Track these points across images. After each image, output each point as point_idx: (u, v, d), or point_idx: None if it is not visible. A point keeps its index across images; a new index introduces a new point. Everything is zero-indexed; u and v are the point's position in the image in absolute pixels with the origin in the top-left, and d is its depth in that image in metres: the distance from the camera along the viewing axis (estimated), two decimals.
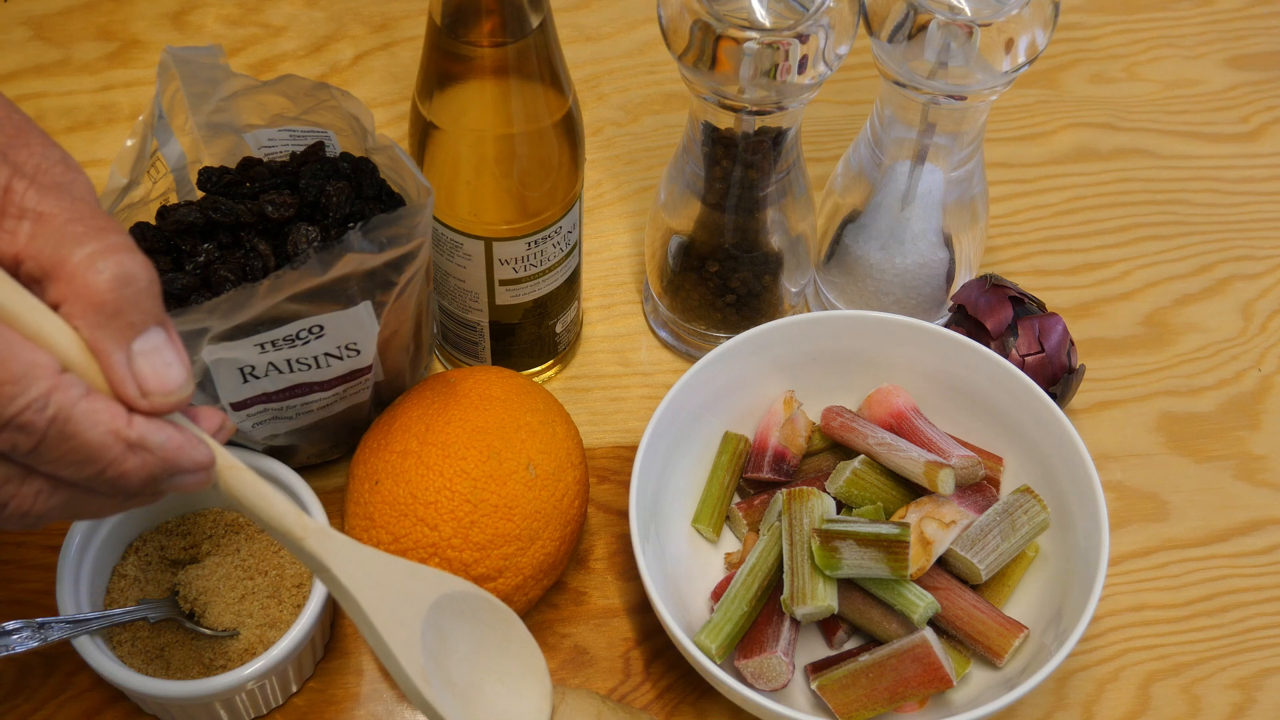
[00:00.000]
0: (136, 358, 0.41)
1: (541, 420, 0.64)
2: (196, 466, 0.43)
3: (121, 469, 0.41)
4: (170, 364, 0.42)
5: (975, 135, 0.71)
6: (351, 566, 0.48)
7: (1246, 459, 0.76)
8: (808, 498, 0.65)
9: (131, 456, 0.41)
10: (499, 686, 0.53)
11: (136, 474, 0.41)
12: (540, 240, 0.67)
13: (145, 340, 0.41)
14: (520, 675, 0.54)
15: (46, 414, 0.39)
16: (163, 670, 0.63)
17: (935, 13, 0.63)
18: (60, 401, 0.39)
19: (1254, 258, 0.84)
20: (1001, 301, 0.73)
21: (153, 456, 0.42)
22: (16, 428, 0.39)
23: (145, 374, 0.41)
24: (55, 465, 0.41)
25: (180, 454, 0.42)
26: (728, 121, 0.67)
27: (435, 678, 0.50)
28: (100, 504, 0.43)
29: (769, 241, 0.72)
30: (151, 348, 0.42)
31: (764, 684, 0.63)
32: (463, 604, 0.53)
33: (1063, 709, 0.68)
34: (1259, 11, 0.96)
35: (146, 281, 0.41)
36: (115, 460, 0.41)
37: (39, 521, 0.43)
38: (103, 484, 0.41)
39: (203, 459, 0.43)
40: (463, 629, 0.52)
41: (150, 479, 0.42)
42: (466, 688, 0.52)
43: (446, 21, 0.60)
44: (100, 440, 0.40)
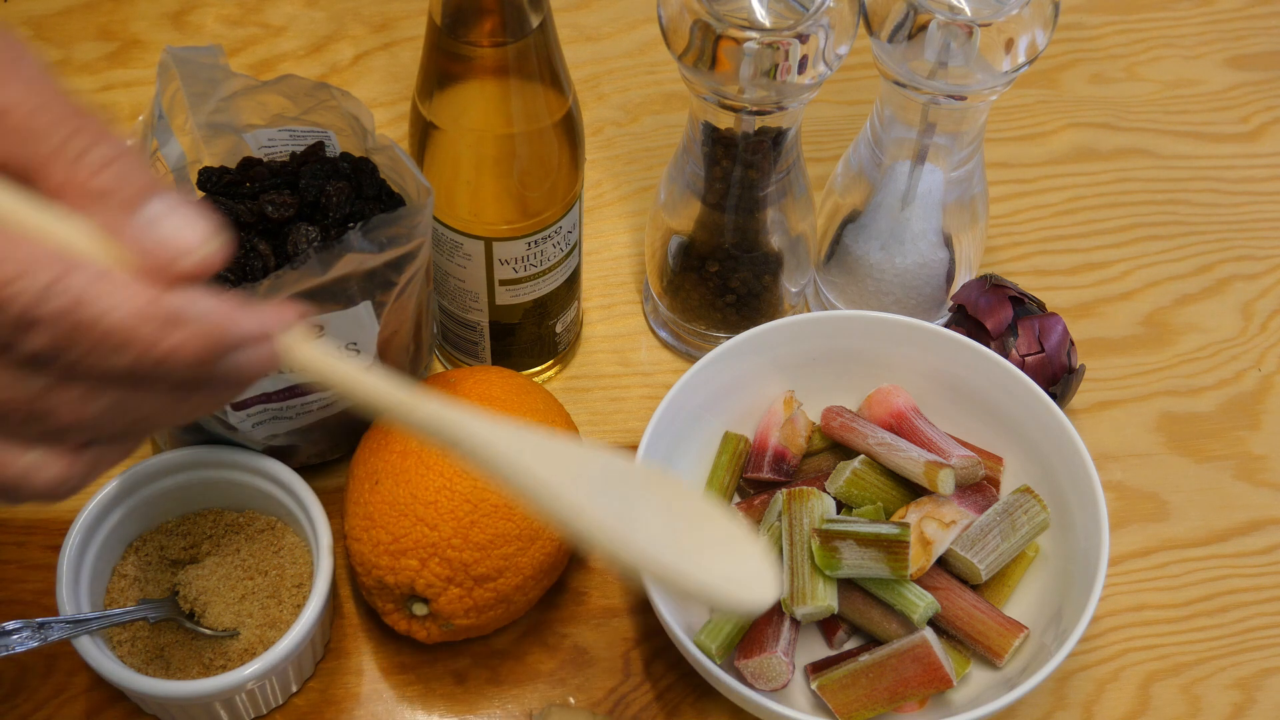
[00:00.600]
0: (152, 224, 0.38)
1: (541, 420, 0.65)
2: (252, 336, 0.38)
3: (162, 349, 0.37)
4: (188, 221, 0.38)
5: (975, 135, 0.71)
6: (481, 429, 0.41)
7: (1246, 459, 0.76)
8: (808, 498, 0.65)
9: (170, 333, 0.37)
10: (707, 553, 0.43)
11: (182, 353, 0.37)
12: (540, 240, 0.67)
13: (154, 206, 0.38)
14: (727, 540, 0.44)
15: (59, 303, 0.35)
16: (163, 670, 0.63)
17: (935, 13, 0.63)
18: (72, 286, 0.36)
19: (1254, 258, 0.84)
20: (1001, 301, 0.73)
21: (197, 329, 0.37)
22: (31, 324, 0.36)
23: (167, 236, 0.37)
24: (88, 359, 0.36)
25: (229, 322, 0.37)
26: (728, 121, 0.67)
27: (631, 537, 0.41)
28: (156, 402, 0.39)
29: (769, 241, 0.72)
30: (162, 212, 0.38)
31: (764, 684, 0.63)
32: (632, 476, 0.45)
33: (1063, 709, 0.68)
34: (1259, 11, 0.96)
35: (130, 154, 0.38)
36: (151, 339, 0.36)
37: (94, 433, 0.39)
38: (148, 372, 0.37)
39: (257, 327, 0.38)
40: (644, 503, 0.44)
41: (200, 358, 0.37)
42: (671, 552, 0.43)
43: (446, 21, 0.60)
44: (129, 320, 0.36)
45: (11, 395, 0.37)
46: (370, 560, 0.62)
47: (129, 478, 0.65)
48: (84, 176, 0.37)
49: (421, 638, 0.64)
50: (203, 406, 0.40)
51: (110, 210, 0.38)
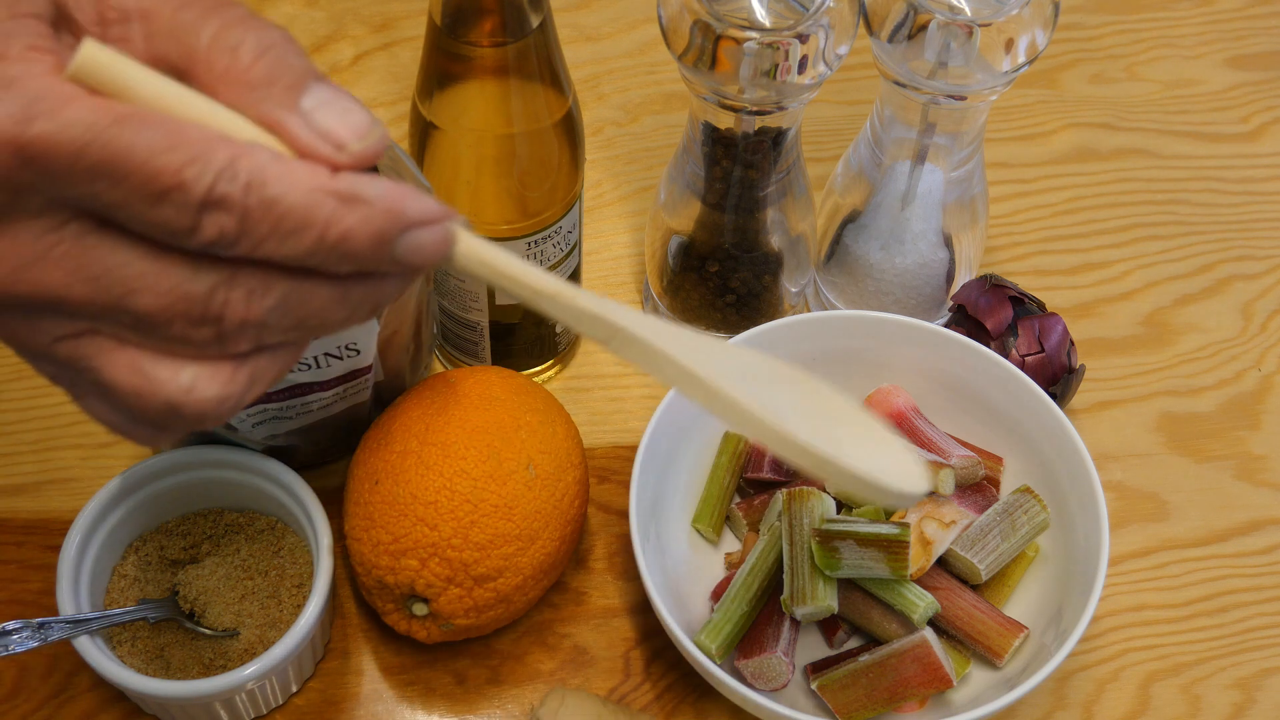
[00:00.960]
0: (313, 114, 0.37)
1: (541, 420, 0.65)
2: (428, 217, 0.38)
3: (341, 228, 0.36)
4: (350, 108, 0.37)
5: (975, 135, 0.71)
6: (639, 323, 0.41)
7: (1246, 459, 0.76)
8: (808, 498, 0.65)
9: (348, 211, 0.36)
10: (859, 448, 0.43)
11: (361, 233, 0.36)
12: (540, 240, 0.67)
13: (312, 95, 0.37)
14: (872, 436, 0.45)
15: (240, 181, 0.35)
16: (163, 670, 0.63)
17: (935, 13, 0.63)
18: (250, 166, 0.35)
19: (1254, 258, 0.84)
20: (1001, 301, 0.73)
21: (374, 208, 0.36)
22: (214, 205, 0.35)
23: (330, 125, 0.37)
24: (268, 243, 0.36)
25: (405, 202, 0.37)
26: (728, 121, 0.67)
27: None
28: (323, 296, 0.38)
29: (769, 241, 0.72)
30: (323, 99, 0.37)
31: (764, 684, 0.63)
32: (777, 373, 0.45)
33: (1063, 709, 0.68)
34: (1259, 11, 0.96)
35: (285, 40, 0.37)
36: (331, 218, 0.36)
37: (260, 335, 0.38)
38: (325, 254, 0.36)
39: (434, 209, 0.38)
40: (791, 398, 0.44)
41: (378, 238, 0.37)
42: None
43: (446, 21, 0.60)
44: (308, 198, 0.36)
45: (184, 293, 0.37)
46: (370, 560, 0.62)
47: (129, 478, 0.65)
48: (241, 67, 0.37)
49: (421, 638, 0.64)
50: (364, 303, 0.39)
51: (271, 99, 0.37)
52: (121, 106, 0.35)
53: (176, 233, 0.36)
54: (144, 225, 0.36)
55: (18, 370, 0.76)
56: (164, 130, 0.35)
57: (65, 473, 0.72)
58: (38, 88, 0.34)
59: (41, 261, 0.36)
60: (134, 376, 0.38)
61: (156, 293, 0.36)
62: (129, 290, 0.36)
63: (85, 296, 0.36)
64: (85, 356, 0.38)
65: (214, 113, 0.36)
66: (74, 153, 0.34)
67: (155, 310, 0.37)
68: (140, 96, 0.36)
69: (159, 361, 0.38)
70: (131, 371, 0.38)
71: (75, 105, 0.34)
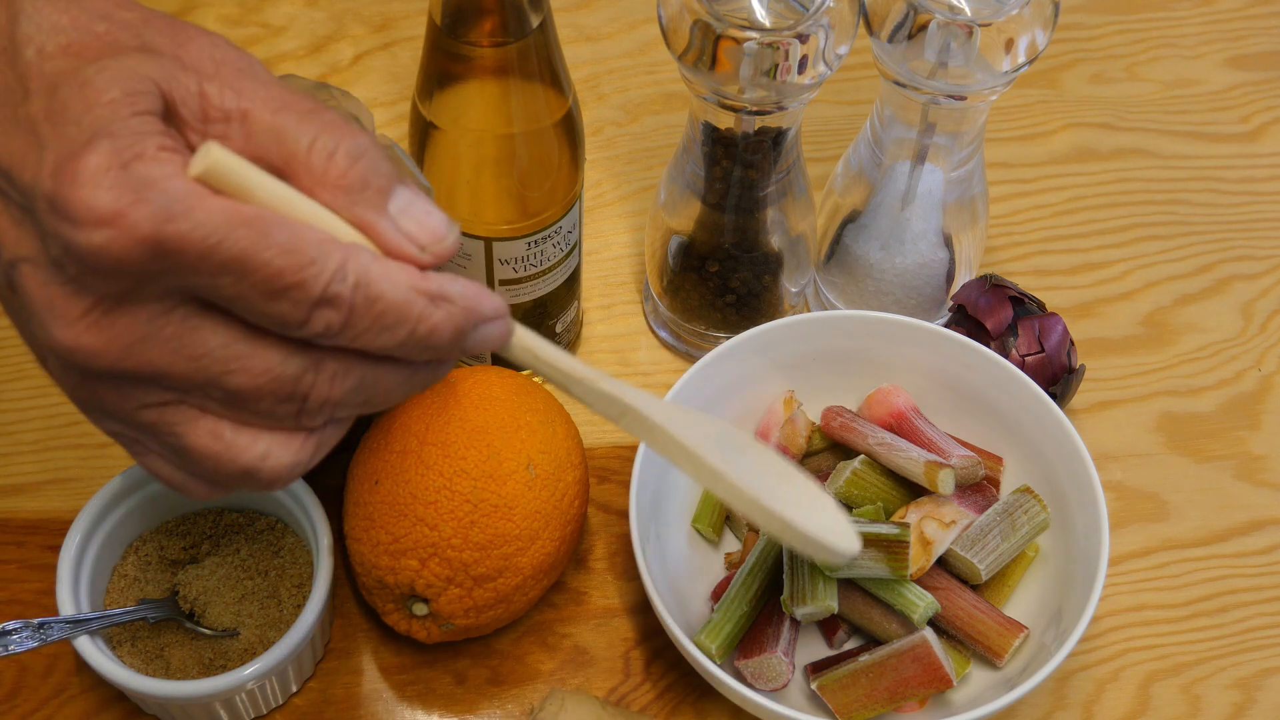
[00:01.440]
0: (399, 217, 0.41)
1: (541, 420, 0.65)
2: (497, 313, 0.42)
3: (430, 324, 0.40)
4: (430, 212, 0.41)
5: (975, 135, 0.71)
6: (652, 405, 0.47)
7: (1246, 459, 0.76)
8: None
9: (436, 309, 0.40)
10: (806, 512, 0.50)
11: (445, 328, 0.41)
12: (540, 240, 0.67)
13: (397, 200, 0.41)
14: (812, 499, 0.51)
15: (349, 281, 0.39)
16: (163, 670, 0.63)
17: (935, 13, 0.63)
18: (358, 268, 0.39)
19: (1254, 258, 0.84)
20: (1001, 301, 0.73)
21: (456, 306, 0.41)
22: (326, 303, 0.39)
23: (413, 229, 0.41)
24: (366, 335, 0.40)
25: (481, 300, 0.41)
26: (728, 121, 0.67)
27: None
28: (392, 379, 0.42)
29: (769, 241, 0.72)
30: (406, 204, 0.41)
31: (764, 684, 0.63)
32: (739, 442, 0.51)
33: (1063, 709, 0.68)
34: (1259, 11, 0.96)
35: (374, 147, 0.41)
36: (423, 315, 0.40)
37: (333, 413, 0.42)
38: (413, 345, 0.41)
39: (500, 305, 0.42)
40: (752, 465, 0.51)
41: (457, 332, 0.41)
42: None
43: (446, 21, 0.60)
44: (404, 297, 0.40)
45: (277, 375, 0.40)
46: (370, 560, 0.62)
47: (129, 478, 0.65)
48: (337, 172, 0.40)
49: (421, 638, 0.64)
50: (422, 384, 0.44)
51: (363, 202, 0.40)
52: (247, 208, 0.38)
53: (288, 324, 0.39)
54: (257, 316, 0.39)
55: (18, 370, 0.76)
56: (287, 233, 0.38)
57: (65, 473, 0.72)
58: (175, 189, 0.37)
59: (150, 340, 0.39)
60: (215, 443, 0.41)
61: (251, 373, 0.40)
62: (226, 370, 0.40)
63: (184, 373, 0.40)
64: (169, 424, 0.41)
65: (318, 214, 0.40)
66: (205, 250, 0.37)
67: (247, 389, 0.40)
68: (256, 197, 0.39)
69: (239, 431, 0.41)
70: (212, 438, 0.41)
71: (207, 206, 0.37)
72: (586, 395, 0.46)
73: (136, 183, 0.37)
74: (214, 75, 0.40)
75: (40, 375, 0.76)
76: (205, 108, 0.40)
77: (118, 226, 0.37)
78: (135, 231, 0.37)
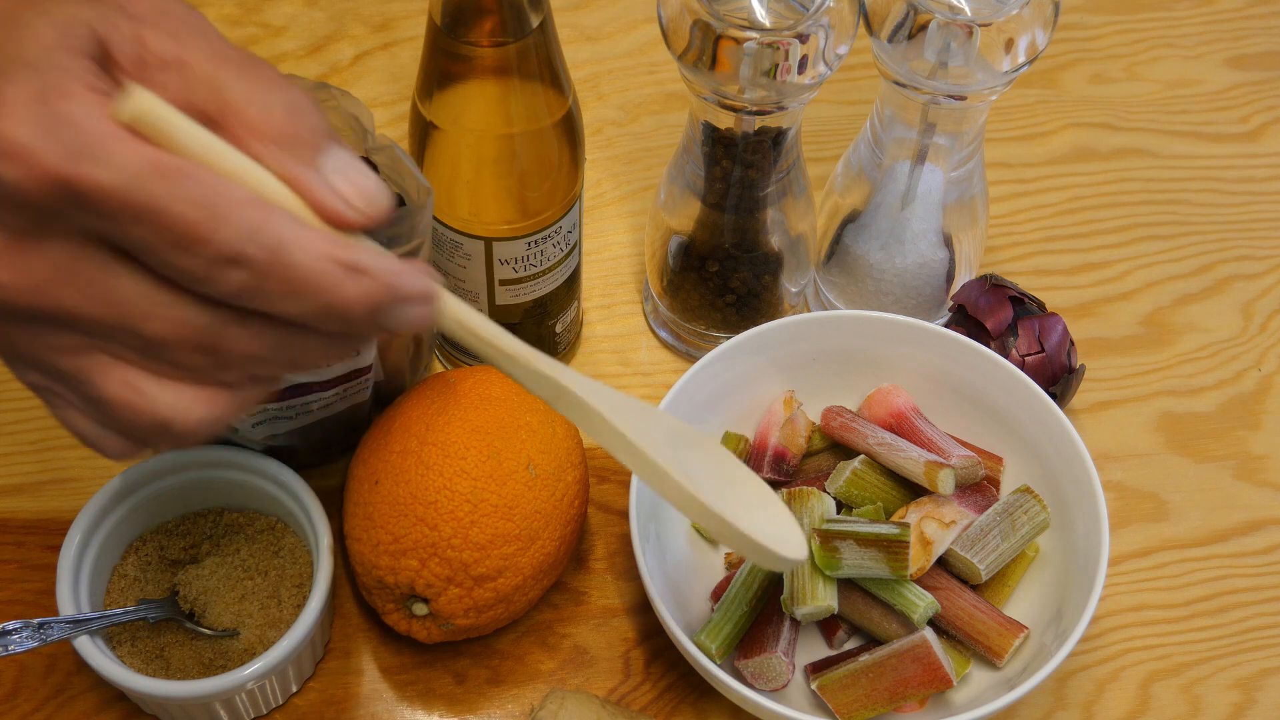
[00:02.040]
0: (330, 175, 0.40)
1: (541, 420, 0.65)
2: (420, 294, 0.41)
3: (343, 296, 0.39)
4: (363, 172, 0.40)
5: (975, 135, 0.71)
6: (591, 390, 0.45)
7: (1246, 459, 0.76)
8: (808, 498, 0.65)
9: (351, 281, 0.39)
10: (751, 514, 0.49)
11: (359, 302, 0.39)
12: (540, 240, 0.67)
13: (331, 157, 0.40)
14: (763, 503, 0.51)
15: (261, 243, 0.38)
16: (163, 670, 0.63)
17: (935, 13, 0.63)
18: (272, 230, 0.38)
19: (1254, 258, 0.84)
20: (1001, 301, 0.73)
21: (374, 281, 0.39)
22: (234, 263, 0.38)
23: (343, 187, 0.40)
24: (276, 301, 0.39)
25: (401, 278, 0.40)
26: (728, 121, 0.67)
27: None
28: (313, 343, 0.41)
29: (769, 241, 0.72)
30: (340, 163, 0.40)
31: (764, 684, 0.63)
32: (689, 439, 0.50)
33: (1063, 709, 0.68)
34: (1259, 11, 0.96)
35: (310, 104, 0.40)
36: (335, 286, 0.39)
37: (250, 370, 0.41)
38: (325, 317, 0.39)
39: (426, 286, 0.41)
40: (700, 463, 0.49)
41: (373, 308, 0.40)
42: None
43: (446, 21, 0.60)
44: (318, 266, 0.38)
45: (188, 326, 0.39)
46: (370, 560, 0.62)
47: (129, 478, 0.65)
48: (270, 124, 0.39)
49: (421, 638, 0.64)
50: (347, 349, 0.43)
51: (294, 156, 0.39)
52: (166, 158, 0.37)
53: (196, 280, 0.38)
54: (165, 267, 0.38)
55: None
56: (202, 187, 0.37)
57: (65, 473, 0.72)
58: (92, 129, 0.36)
59: (64, 281, 0.38)
60: (129, 392, 0.40)
61: (167, 321, 0.39)
62: (142, 316, 0.39)
63: (98, 317, 0.39)
64: (82, 369, 0.40)
65: (246, 168, 0.39)
66: (113, 196, 0.36)
67: (164, 336, 0.39)
68: (181, 146, 0.38)
69: (154, 381, 0.40)
70: (127, 388, 0.40)
71: (123, 150, 0.37)
72: (523, 375, 0.45)
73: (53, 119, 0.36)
74: (155, 23, 0.39)
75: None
76: (143, 54, 0.39)
77: (26, 161, 0.36)
78: (42, 168, 0.36)
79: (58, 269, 0.38)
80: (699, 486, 0.46)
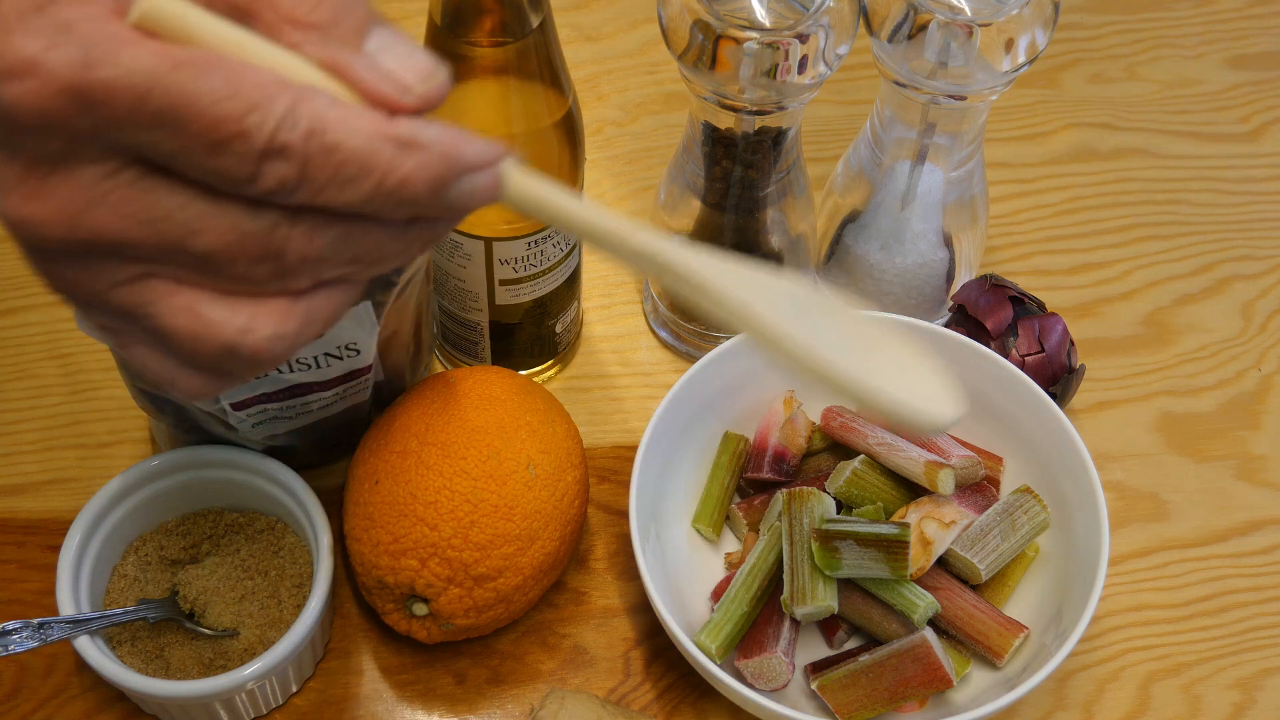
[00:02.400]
0: (378, 56, 0.37)
1: (541, 420, 0.64)
2: (482, 160, 0.38)
3: (400, 174, 0.36)
4: (413, 51, 0.37)
5: (975, 135, 0.71)
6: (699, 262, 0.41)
7: (1246, 459, 0.76)
8: (808, 498, 0.65)
9: (407, 157, 0.36)
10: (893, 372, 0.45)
11: (418, 178, 0.36)
12: (540, 240, 0.67)
13: (376, 38, 0.37)
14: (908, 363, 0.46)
15: (301, 129, 0.35)
16: (163, 670, 0.63)
17: (935, 13, 0.63)
18: (310, 113, 0.35)
19: (1254, 258, 0.84)
20: (1001, 301, 0.73)
21: (430, 153, 0.36)
22: (275, 154, 0.35)
23: (394, 67, 0.37)
24: (327, 190, 0.36)
25: (461, 147, 0.37)
26: (728, 121, 0.67)
27: None
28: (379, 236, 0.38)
29: (769, 241, 0.72)
30: (387, 42, 0.37)
31: (764, 684, 0.63)
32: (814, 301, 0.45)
33: (1063, 709, 0.68)
34: (1259, 11, 0.96)
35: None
36: (390, 165, 0.36)
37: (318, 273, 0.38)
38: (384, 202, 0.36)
39: (488, 152, 0.38)
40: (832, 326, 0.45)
41: (435, 183, 0.36)
42: None
43: (446, 21, 0.60)
44: (367, 145, 0.35)
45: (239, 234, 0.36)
46: (370, 560, 0.62)
47: (129, 478, 0.65)
48: (304, 9, 0.36)
49: (421, 638, 0.64)
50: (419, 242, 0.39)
51: (332, 43, 0.36)
52: (182, 51, 0.34)
53: (236, 181, 0.35)
54: (203, 173, 0.35)
55: (18, 370, 0.76)
56: (225, 76, 0.34)
57: (65, 473, 0.72)
58: (97, 32, 0.34)
59: (99, 206, 0.36)
60: (190, 319, 0.37)
61: (217, 232, 0.36)
62: (189, 231, 0.36)
63: (144, 239, 0.36)
64: (143, 302, 0.38)
65: (274, 56, 0.36)
66: (134, 100, 0.34)
67: (216, 249, 0.36)
68: (201, 40, 0.35)
69: (215, 303, 0.37)
70: (188, 315, 0.37)
71: (135, 50, 0.34)
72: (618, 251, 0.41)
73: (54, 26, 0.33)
74: None
75: (40, 375, 0.76)
76: None
77: (35, 76, 0.33)
78: (54, 80, 0.33)
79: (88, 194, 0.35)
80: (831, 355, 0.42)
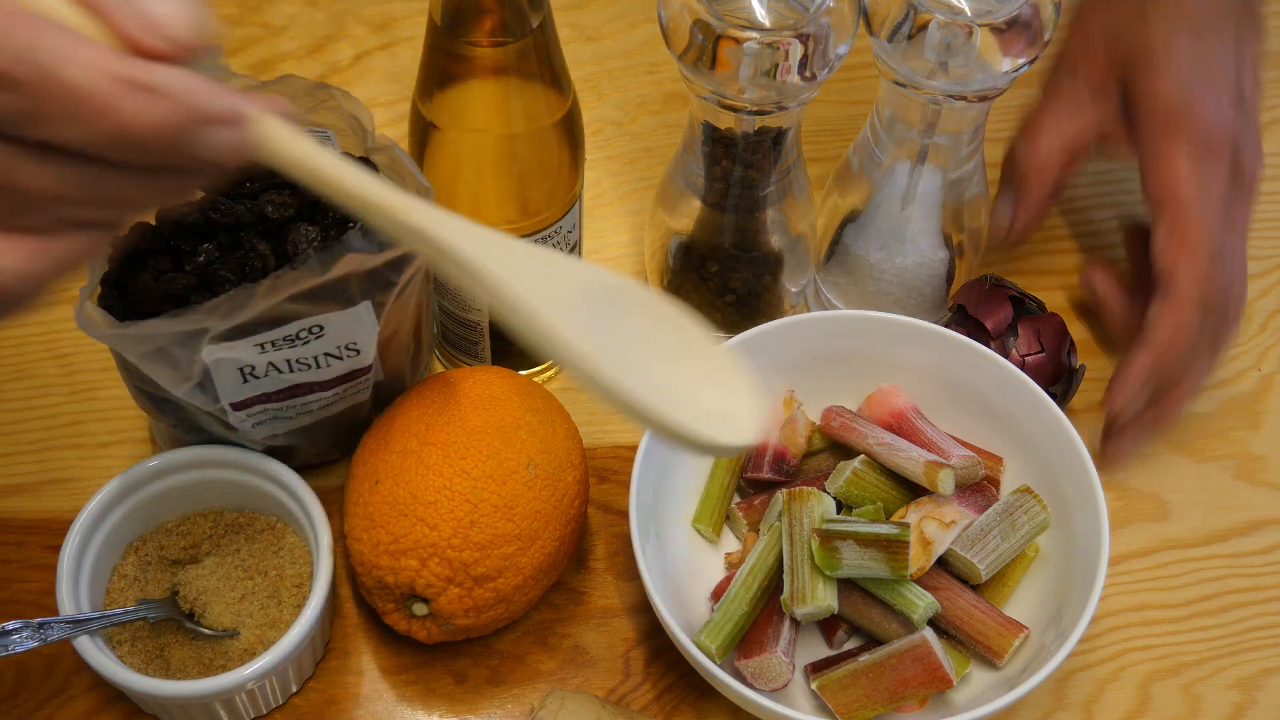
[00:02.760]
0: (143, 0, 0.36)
1: (541, 420, 0.64)
2: (226, 115, 0.36)
3: (130, 118, 0.35)
4: None
5: (975, 135, 0.71)
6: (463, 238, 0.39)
7: (1246, 459, 0.76)
8: (808, 498, 0.65)
9: (138, 101, 0.35)
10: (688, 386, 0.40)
11: (143, 122, 0.35)
12: (540, 240, 0.67)
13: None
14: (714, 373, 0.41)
15: (32, 62, 0.34)
16: (163, 670, 0.63)
17: (935, 13, 0.63)
18: (43, 47, 0.34)
19: (1254, 258, 0.84)
20: (1001, 301, 0.73)
21: (168, 101, 0.35)
22: (2, 85, 0.34)
23: (157, 12, 0.36)
24: (55, 126, 0.35)
25: (200, 97, 0.36)
26: (728, 121, 0.67)
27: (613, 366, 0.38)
28: (126, 182, 0.37)
29: (769, 241, 0.72)
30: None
31: (764, 684, 0.63)
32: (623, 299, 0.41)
33: (1063, 709, 0.68)
34: None
35: None
36: (118, 106, 0.35)
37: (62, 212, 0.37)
38: (117, 144, 0.35)
39: (229, 106, 0.36)
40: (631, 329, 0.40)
41: (166, 129, 0.36)
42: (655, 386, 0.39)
43: (446, 21, 0.60)
44: (97, 85, 0.35)
45: None
46: (370, 560, 0.62)
47: (129, 478, 0.65)
48: None
49: (421, 638, 0.64)
50: (168, 191, 0.39)
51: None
52: None
53: None
54: None
55: (18, 370, 0.76)
56: None
57: (65, 473, 0.72)
58: None
59: None
60: None
61: None
62: None
63: None
64: None
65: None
66: None
67: None
68: None
69: None
70: None
71: None
72: (382, 222, 0.38)
73: None
74: None
75: (40, 375, 0.76)
76: None
77: None
78: None
79: None
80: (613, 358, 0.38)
